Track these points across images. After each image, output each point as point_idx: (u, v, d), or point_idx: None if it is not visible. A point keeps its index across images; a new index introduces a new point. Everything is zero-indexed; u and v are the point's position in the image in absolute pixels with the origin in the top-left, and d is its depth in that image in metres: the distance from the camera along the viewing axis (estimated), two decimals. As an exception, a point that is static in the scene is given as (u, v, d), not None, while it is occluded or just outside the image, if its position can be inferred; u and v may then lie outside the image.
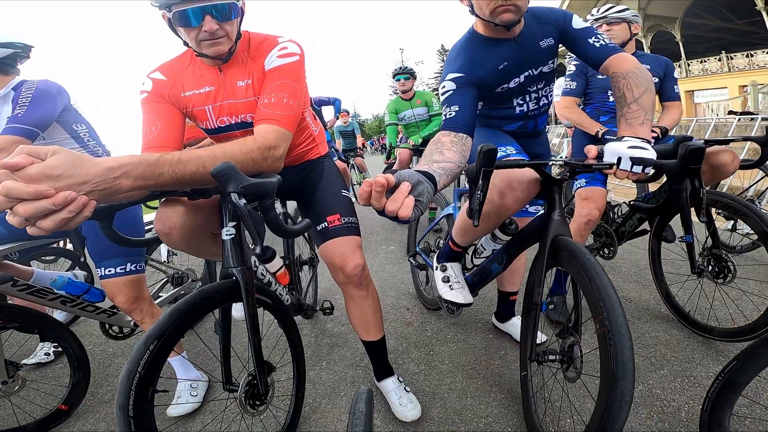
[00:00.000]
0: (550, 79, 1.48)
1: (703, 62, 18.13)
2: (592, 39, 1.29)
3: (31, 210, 0.65)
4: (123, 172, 0.77)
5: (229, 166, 0.89)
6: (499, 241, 1.58)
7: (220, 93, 1.22)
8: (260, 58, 1.20)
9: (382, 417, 1.49)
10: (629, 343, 0.87)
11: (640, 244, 2.84)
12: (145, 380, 0.87)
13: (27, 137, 1.36)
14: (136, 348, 0.88)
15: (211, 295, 1.04)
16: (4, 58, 1.49)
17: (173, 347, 0.96)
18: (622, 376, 0.85)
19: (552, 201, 1.17)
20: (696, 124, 11.06)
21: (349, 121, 6.86)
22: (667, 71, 2.12)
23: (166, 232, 1.05)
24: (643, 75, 1.17)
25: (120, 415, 0.84)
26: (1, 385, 1.46)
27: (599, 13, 2.13)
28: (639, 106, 1.12)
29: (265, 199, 0.93)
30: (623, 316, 0.90)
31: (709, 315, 1.91)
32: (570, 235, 1.15)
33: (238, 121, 1.26)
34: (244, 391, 1.11)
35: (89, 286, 1.69)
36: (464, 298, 1.56)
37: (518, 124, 1.54)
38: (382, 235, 4.21)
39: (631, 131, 1.06)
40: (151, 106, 1.19)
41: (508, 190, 1.20)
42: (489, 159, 0.97)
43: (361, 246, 1.43)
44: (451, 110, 1.25)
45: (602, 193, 1.96)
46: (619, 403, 0.84)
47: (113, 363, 2.08)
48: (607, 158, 1.01)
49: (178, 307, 0.96)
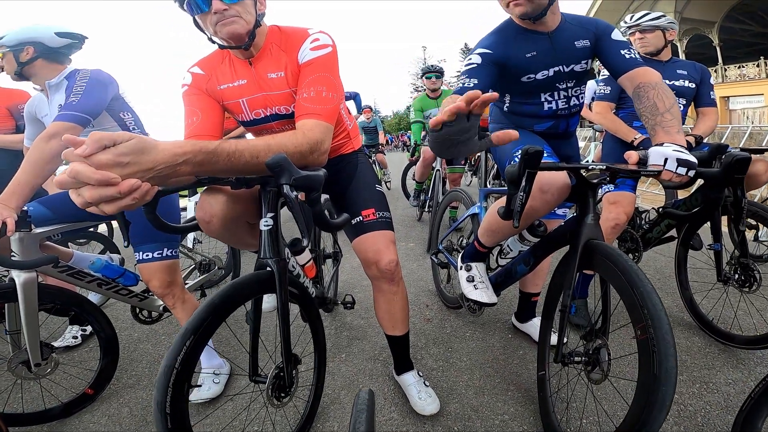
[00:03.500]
0: (582, 80, 1.48)
1: (741, 68, 17.49)
2: (625, 51, 1.34)
3: (97, 195, 0.67)
4: (185, 159, 0.79)
5: (283, 158, 0.91)
6: (526, 243, 1.58)
7: (253, 86, 1.25)
8: (292, 50, 1.22)
9: (399, 410, 1.51)
10: (673, 350, 0.88)
11: (665, 251, 2.79)
12: (182, 376, 0.89)
13: (80, 124, 1.42)
14: (174, 343, 0.90)
15: (245, 287, 1.05)
16: (61, 48, 1.57)
17: (208, 341, 0.97)
18: (666, 381, 0.87)
19: (585, 204, 1.17)
20: (731, 132, 10.69)
21: (372, 118, 6.90)
22: (703, 77, 2.08)
23: (207, 220, 1.08)
24: (668, 89, 1.22)
25: (157, 412, 0.86)
26: (34, 367, 1.48)
27: (633, 20, 2.09)
28: (672, 115, 1.13)
29: (313, 192, 0.95)
30: (668, 325, 0.91)
31: (733, 323, 1.88)
32: (604, 239, 1.15)
33: (273, 113, 1.29)
34: (272, 383, 1.12)
35: (125, 270, 1.76)
36: (488, 298, 1.57)
37: (549, 124, 1.54)
38: (402, 232, 4.23)
39: (670, 138, 1.06)
40: (191, 98, 1.23)
41: (538, 194, 1.21)
42: (534, 161, 0.97)
43: (395, 241, 1.45)
44: (470, 81, 1.30)
45: (631, 198, 1.94)
46: (660, 406, 0.86)
47: (138, 348, 2.12)
48: (654, 160, 1.01)
49: (213, 301, 0.97)
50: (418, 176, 4.47)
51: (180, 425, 0.89)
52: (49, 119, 1.59)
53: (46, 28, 1.54)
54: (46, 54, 1.54)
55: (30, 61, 1.53)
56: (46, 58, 1.55)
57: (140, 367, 1.94)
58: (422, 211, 4.63)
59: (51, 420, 1.56)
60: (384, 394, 1.61)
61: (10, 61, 1.53)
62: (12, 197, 1.31)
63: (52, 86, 1.56)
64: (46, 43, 1.53)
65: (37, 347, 1.49)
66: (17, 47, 1.50)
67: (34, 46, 1.51)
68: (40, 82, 1.58)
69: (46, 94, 1.60)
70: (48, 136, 1.37)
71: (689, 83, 2.05)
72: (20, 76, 1.56)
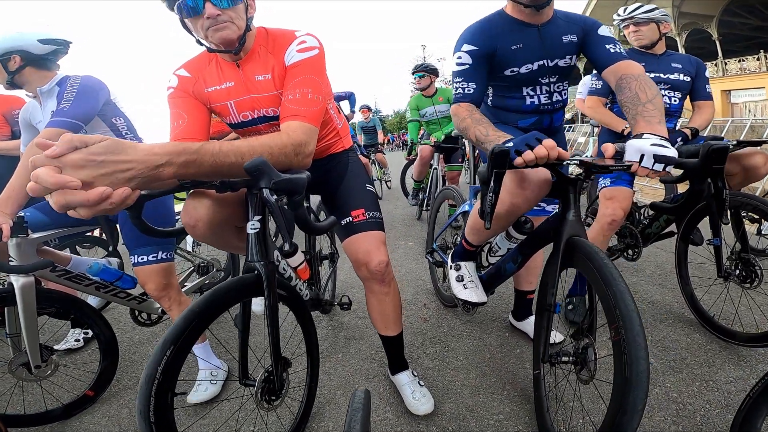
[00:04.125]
0: (565, 76, 1.49)
1: (741, 61, 17.35)
2: (610, 46, 1.34)
3: (63, 201, 0.66)
4: (167, 160, 0.78)
5: (262, 162, 0.89)
6: (514, 240, 1.58)
7: (240, 88, 1.24)
8: (279, 52, 1.21)
9: (394, 410, 1.51)
10: (645, 353, 0.86)
11: (666, 246, 2.76)
12: (164, 386, 0.88)
13: (71, 130, 1.44)
14: (153, 353, 0.89)
15: (229, 292, 1.04)
16: (46, 55, 1.58)
17: (191, 348, 0.96)
18: (636, 384, 0.85)
19: (567, 201, 1.16)
20: (732, 125, 10.58)
21: (371, 117, 6.91)
22: (698, 70, 2.06)
23: (192, 224, 1.08)
24: (651, 80, 1.21)
25: (141, 420, 0.85)
26: (35, 369, 1.51)
27: (626, 13, 2.08)
28: (654, 106, 1.11)
29: (295, 195, 0.94)
30: (640, 326, 0.88)
31: (734, 320, 1.85)
32: (586, 236, 1.14)
33: (261, 115, 1.28)
34: (261, 387, 1.12)
35: (122, 273, 1.78)
36: (477, 298, 1.57)
37: (533, 120, 1.54)
38: (401, 231, 4.23)
39: (651, 128, 1.04)
40: (177, 100, 1.23)
41: (518, 190, 1.21)
42: (501, 161, 0.97)
43: (385, 242, 1.44)
44: (469, 86, 1.37)
45: (627, 193, 1.92)
46: (631, 412, 0.84)
47: (139, 350, 2.15)
48: (630, 155, 0.99)
49: (193, 309, 0.95)
50: (416, 175, 4.47)
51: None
52: (43, 126, 1.61)
53: (28, 35, 1.54)
54: (33, 62, 1.56)
55: (19, 70, 1.55)
56: (33, 65, 1.56)
57: (140, 369, 1.96)
58: (421, 209, 4.63)
59: (52, 421, 1.58)
60: (379, 394, 1.61)
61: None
62: (7, 203, 1.33)
63: (43, 93, 1.58)
64: (31, 51, 1.54)
65: (37, 350, 1.51)
66: (3, 56, 1.52)
67: (20, 54, 1.53)
68: (32, 89, 1.60)
69: (38, 101, 1.62)
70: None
71: (684, 76, 2.03)
72: (12, 84, 1.58)
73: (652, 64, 2.03)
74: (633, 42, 2.09)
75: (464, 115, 1.29)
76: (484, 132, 1.18)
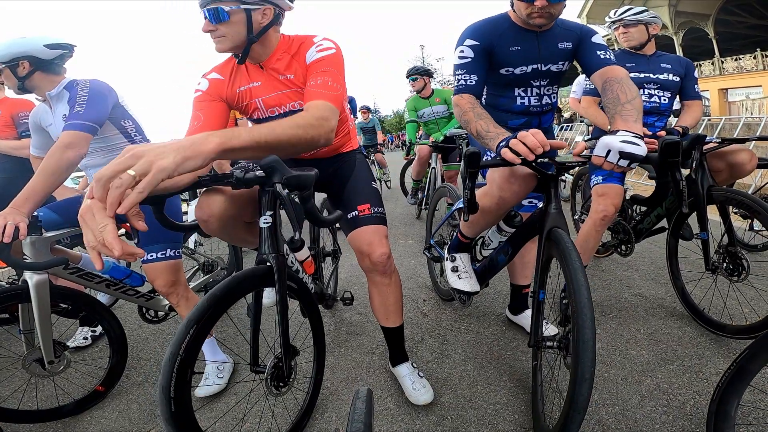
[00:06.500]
0: (556, 80, 1.57)
1: (738, 60, 17.41)
2: (601, 52, 1.42)
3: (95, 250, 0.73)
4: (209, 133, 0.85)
5: (275, 160, 0.97)
6: (504, 234, 1.65)
7: (267, 86, 1.34)
8: (300, 54, 1.32)
9: (395, 401, 1.57)
10: (591, 353, 0.92)
11: (660, 242, 2.82)
12: (185, 362, 0.93)
13: (90, 132, 1.50)
14: (178, 332, 0.94)
15: (245, 280, 1.10)
16: (54, 59, 1.64)
17: (210, 330, 1.02)
18: (580, 381, 0.91)
19: (548, 195, 1.25)
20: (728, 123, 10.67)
21: (370, 118, 6.97)
22: (687, 71, 2.13)
23: (205, 219, 1.15)
24: (632, 83, 1.29)
25: (162, 396, 0.90)
26: (48, 364, 1.55)
27: (616, 15, 2.15)
28: (632, 106, 1.19)
29: (305, 190, 1.02)
30: (591, 321, 0.95)
31: (723, 312, 1.91)
32: (566, 227, 1.22)
33: (287, 110, 1.37)
34: (270, 373, 1.18)
35: (131, 271, 1.83)
36: (470, 287, 1.64)
37: (522, 120, 1.62)
38: (401, 230, 4.29)
39: (627, 126, 1.11)
40: (200, 103, 1.31)
41: (506, 184, 1.29)
42: (473, 162, 1.06)
43: (388, 236, 1.51)
44: (471, 78, 1.43)
45: (618, 189, 1.99)
46: (576, 407, 0.90)
47: (146, 347, 2.20)
48: (598, 151, 1.06)
49: (215, 293, 1.01)
50: (415, 174, 4.53)
51: (183, 409, 0.94)
52: (54, 128, 1.66)
53: (35, 41, 1.60)
54: (41, 66, 1.61)
55: (28, 75, 1.60)
56: (42, 70, 1.62)
57: (148, 365, 2.01)
58: (420, 208, 4.69)
59: (64, 416, 1.62)
60: (381, 386, 1.67)
61: (9, 76, 1.60)
62: (25, 203, 1.38)
63: (53, 97, 1.64)
64: (39, 56, 1.59)
65: (50, 345, 1.55)
66: (12, 62, 1.57)
67: (28, 60, 1.58)
68: (41, 93, 1.66)
69: (48, 105, 1.67)
70: (64, 146, 1.44)
71: (673, 76, 2.10)
72: (23, 89, 1.64)
73: (642, 65, 2.10)
74: (622, 43, 2.16)
75: (466, 108, 1.35)
76: (485, 128, 1.24)
